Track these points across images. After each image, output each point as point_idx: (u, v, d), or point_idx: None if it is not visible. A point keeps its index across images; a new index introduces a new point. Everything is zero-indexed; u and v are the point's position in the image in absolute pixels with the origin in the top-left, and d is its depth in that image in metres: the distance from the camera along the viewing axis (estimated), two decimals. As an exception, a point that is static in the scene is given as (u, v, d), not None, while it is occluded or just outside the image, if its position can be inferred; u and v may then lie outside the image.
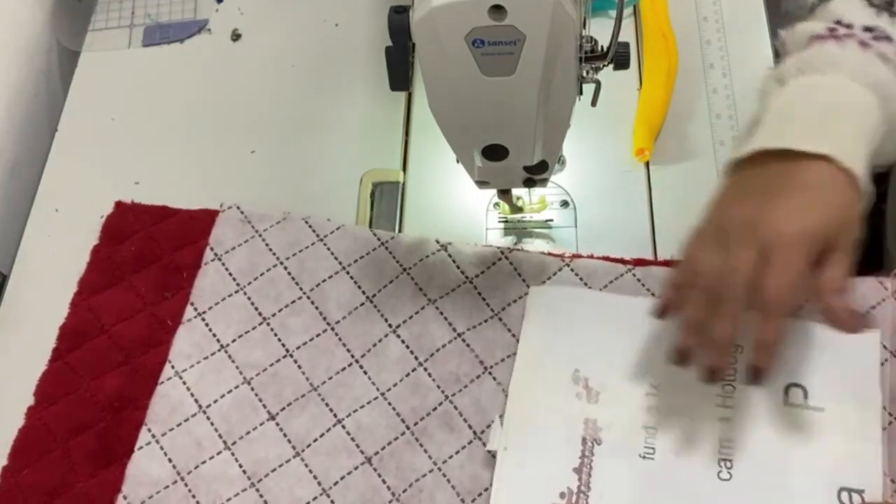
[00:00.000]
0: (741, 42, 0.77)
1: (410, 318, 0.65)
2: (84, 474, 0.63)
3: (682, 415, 0.59)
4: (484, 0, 0.43)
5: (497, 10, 0.44)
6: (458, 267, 0.66)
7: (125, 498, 0.61)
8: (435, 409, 0.62)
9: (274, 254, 0.69)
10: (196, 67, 0.83)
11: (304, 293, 0.67)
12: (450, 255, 0.66)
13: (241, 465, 0.62)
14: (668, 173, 0.71)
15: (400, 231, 0.71)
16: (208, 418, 0.64)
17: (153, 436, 0.63)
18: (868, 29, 0.57)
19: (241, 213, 0.71)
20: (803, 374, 0.58)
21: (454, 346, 0.63)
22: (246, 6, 0.86)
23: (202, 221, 0.71)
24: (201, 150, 0.78)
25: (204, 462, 0.62)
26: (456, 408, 0.61)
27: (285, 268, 0.68)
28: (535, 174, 0.59)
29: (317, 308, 0.66)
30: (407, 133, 0.76)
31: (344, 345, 0.65)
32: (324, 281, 0.67)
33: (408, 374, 0.63)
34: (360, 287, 0.66)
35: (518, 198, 0.68)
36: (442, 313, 0.65)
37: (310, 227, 0.69)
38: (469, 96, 0.49)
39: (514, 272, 0.65)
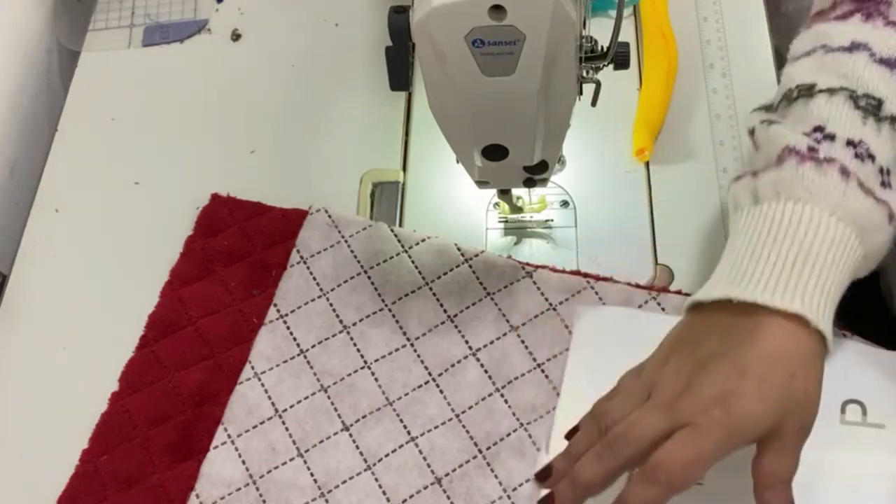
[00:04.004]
0: (741, 42, 0.77)
1: (491, 342, 0.64)
2: (161, 466, 0.62)
3: None
4: (484, 0, 0.43)
5: (497, 10, 0.44)
6: (542, 294, 0.65)
7: (198, 497, 0.61)
8: (508, 435, 0.61)
9: (359, 262, 0.68)
10: (196, 67, 0.83)
11: (386, 305, 0.66)
12: (534, 282, 0.65)
13: (312, 474, 0.61)
14: (668, 173, 0.71)
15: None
16: (283, 423, 0.63)
17: (229, 436, 0.63)
18: (851, 143, 0.51)
19: (329, 216, 0.70)
20: (861, 391, 0.55)
21: (533, 375, 0.62)
22: (246, 6, 0.86)
23: (294, 221, 0.70)
24: (201, 151, 0.78)
25: (276, 467, 0.62)
26: (530, 436, 0.60)
27: (369, 277, 0.67)
28: (535, 174, 0.59)
29: (398, 322, 0.66)
30: (407, 133, 0.76)
31: (422, 362, 0.64)
32: (406, 295, 0.66)
33: (483, 399, 0.62)
34: (442, 305, 0.66)
35: (518, 198, 0.68)
36: (523, 342, 0.64)
37: (395, 235, 0.68)
38: (469, 96, 0.49)
39: (600, 301, 0.64)
